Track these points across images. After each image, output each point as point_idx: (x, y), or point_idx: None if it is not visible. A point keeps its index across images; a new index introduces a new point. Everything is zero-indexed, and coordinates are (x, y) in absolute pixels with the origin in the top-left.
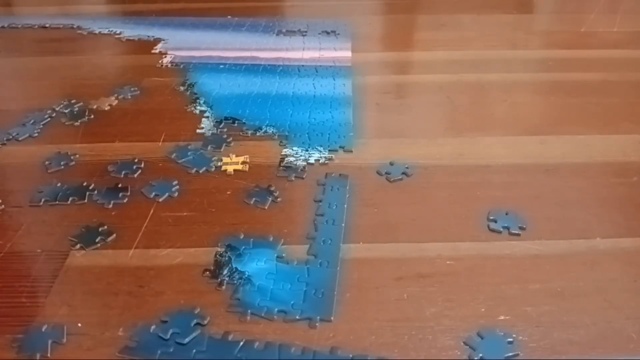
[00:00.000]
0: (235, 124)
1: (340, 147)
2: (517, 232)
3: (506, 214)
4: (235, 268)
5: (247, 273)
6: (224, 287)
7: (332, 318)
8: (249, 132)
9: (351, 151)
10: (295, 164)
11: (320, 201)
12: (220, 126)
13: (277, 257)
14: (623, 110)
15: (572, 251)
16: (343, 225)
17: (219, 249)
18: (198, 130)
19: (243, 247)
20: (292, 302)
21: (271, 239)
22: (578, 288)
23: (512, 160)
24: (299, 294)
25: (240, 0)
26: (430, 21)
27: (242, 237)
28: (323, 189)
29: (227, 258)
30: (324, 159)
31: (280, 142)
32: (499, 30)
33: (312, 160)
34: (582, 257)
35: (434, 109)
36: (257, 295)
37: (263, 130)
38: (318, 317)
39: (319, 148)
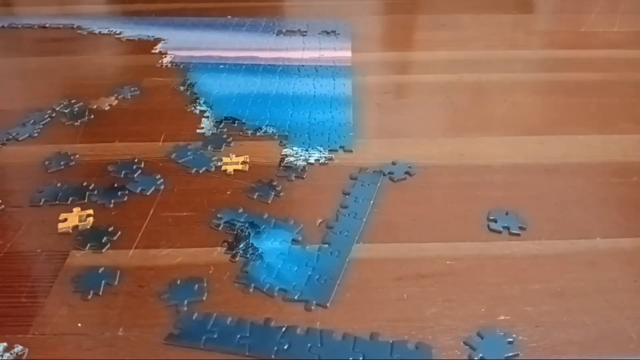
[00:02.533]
0: (235, 124)
1: (340, 147)
2: (517, 232)
3: (506, 214)
4: (252, 244)
5: (260, 250)
6: (237, 259)
7: (328, 304)
8: (249, 132)
9: (351, 151)
10: (296, 164)
11: (348, 194)
12: (220, 126)
13: (293, 240)
14: (623, 110)
15: (572, 251)
16: (364, 220)
17: (241, 223)
18: (198, 130)
19: (264, 226)
20: (294, 284)
21: (292, 222)
22: (578, 288)
23: (512, 160)
24: (302, 277)
25: (240, 0)
26: (430, 21)
27: (265, 216)
28: (354, 183)
29: (247, 233)
30: (324, 159)
31: (281, 142)
32: (499, 30)
33: (312, 160)
34: (582, 257)
35: (434, 109)
36: (263, 272)
37: (263, 130)
38: (314, 302)
39: (319, 148)
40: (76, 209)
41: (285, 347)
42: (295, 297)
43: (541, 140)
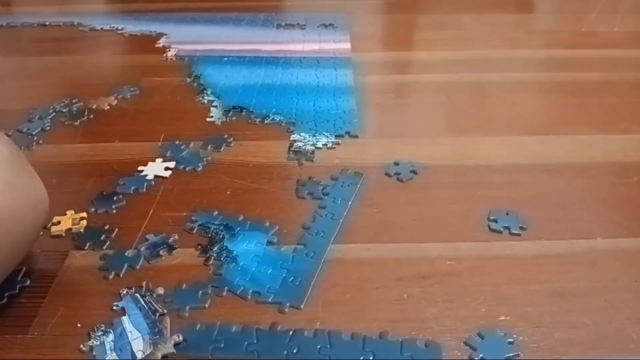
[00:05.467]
0: (243, 113)
1: (346, 132)
2: (517, 232)
3: (507, 214)
4: (226, 247)
5: (235, 252)
6: (211, 262)
7: (301, 306)
8: (257, 120)
9: (357, 136)
10: (304, 149)
11: (327, 194)
12: (229, 115)
13: (268, 241)
14: (623, 110)
15: (572, 251)
16: (341, 221)
17: (215, 226)
18: (208, 119)
19: (238, 228)
20: (268, 286)
21: (267, 224)
22: (578, 288)
23: (512, 160)
24: (277, 279)
25: None
26: (430, 21)
27: (241, 218)
28: (334, 183)
29: (221, 236)
30: (331, 144)
31: (288, 129)
32: (499, 30)
33: (320, 145)
34: (583, 257)
35: (434, 109)
36: (237, 275)
37: (270, 118)
38: (288, 304)
39: (325, 134)
40: (70, 212)
41: (295, 351)
42: (269, 300)
43: (541, 140)
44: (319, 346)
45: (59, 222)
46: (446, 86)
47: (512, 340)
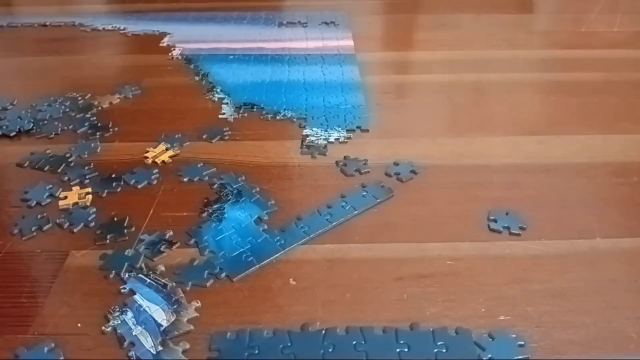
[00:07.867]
0: (254, 109)
1: (357, 127)
2: (517, 232)
3: (506, 214)
4: (224, 208)
5: (226, 215)
6: (204, 215)
7: (234, 279)
8: (269, 116)
9: (367, 130)
10: (317, 143)
11: (344, 197)
12: (240, 111)
13: (258, 217)
14: (623, 110)
15: (572, 251)
16: (333, 224)
17: (231, 189)
18: (220, 116)
19: (246, 198)
20: (223, 252)
21: (271, 202)
22: (578, 288)
23: (512, 160)
24: (234, 250)
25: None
26: (430, 21)
27: (256, 189)
28: (359, 191)
29: (228, 198)
30: (343, 138)
31: (300, 124)
32: (499, 30)
33: (332, 139)
34: (583, 257)
35: (434, 109)
36: (211, 232)
37: (282, 114)
38: (224, 273)
39: (337, 128)
40: (75, 188)
41: (331, 350)
42: (215, 263)
43: (541, 140)
44: (354, 342)
45: (65, 197)
46: (446, 86)
47: (522, 343)
